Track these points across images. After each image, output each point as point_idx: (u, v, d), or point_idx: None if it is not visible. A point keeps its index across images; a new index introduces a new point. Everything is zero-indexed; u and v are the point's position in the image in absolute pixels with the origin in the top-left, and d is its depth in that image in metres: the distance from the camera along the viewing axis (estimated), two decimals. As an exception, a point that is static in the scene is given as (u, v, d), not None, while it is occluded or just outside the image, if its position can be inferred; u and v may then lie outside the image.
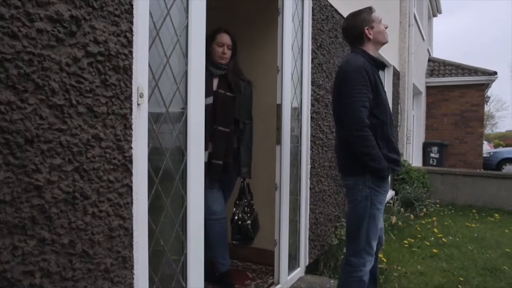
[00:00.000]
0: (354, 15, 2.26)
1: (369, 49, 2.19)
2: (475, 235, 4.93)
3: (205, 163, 2.08)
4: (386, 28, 2.22)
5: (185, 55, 1.73)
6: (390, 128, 2.12)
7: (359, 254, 2.10)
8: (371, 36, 2.18)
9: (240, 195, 2.64)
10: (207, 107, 2.14)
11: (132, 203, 1.39)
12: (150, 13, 1.51)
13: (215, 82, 2.48)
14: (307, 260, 3.01)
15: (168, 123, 1.67)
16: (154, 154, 1.59)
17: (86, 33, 1.22)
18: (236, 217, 2.53)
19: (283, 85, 2.59)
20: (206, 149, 2.26)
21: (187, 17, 1.73)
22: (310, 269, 3.07)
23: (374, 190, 2.08)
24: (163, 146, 1.63)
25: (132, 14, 1.38)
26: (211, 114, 2.38)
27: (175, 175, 1.70)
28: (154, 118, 1.59)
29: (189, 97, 1.74)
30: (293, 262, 2.86)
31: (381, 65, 2.20)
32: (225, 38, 2.49)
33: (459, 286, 3.22)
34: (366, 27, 2.18)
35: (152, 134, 1.57)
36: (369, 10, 2.23)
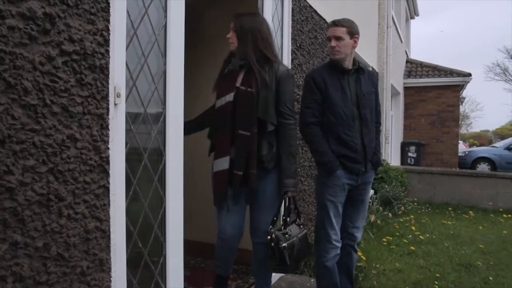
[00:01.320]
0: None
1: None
2: (451, 232, 5.06)
3: (226, 171, 2.00)
4: (329, 44, 2.36)
5: (164, 55, 1.72)
6: (344, 126, 2.29)
7: (319, 241, 2.38)
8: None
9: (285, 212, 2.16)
10: (227, 105, 2.02)
11: (109, 204, 1.37)
12: (128, 12, 1.49)
13: (240, 77, 2.07)
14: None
15: (146, 123, 1.65)
16: (132, 154, 1.57)
17: (60, 31, 1.19)
18: (269, 237, 2.03)
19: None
20: (227, 153, 2.02)
21: (165, 16, 1.71)
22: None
23: (323, 183, 2.34)
24: (141, 147, 1.61)
25: (109, 12, 1.36)
26: (233, 115, 2.03)
27: (153, 176, 1.68)
28: (132, 118, 1.57)
29: (168, 97, 1.73)
30: (273, 262, 2.87)
31: (341, 68, 2.35)
32: (231, 24, 2.14)
33: (436, 282, 3.30)
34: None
35: (130, 135, 1.55)
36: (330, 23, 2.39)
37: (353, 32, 2.31)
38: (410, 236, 4.76)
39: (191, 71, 2.48)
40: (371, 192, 6.51)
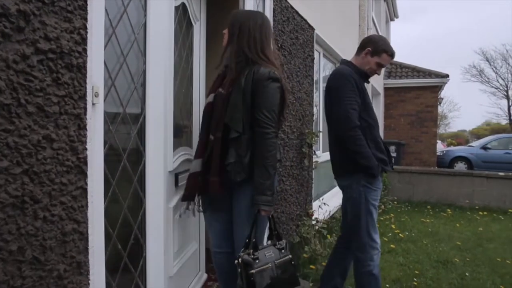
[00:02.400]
0: (382, 39, 2.56)
1: (358, 63, 2.48)
2: (430, 230, 5.17)
3: (197, 174, 1.88)
4: (378, 68, 2.48)
5: (143, 54, 1.70)
6: (377, 131, 2.35)
7: (363, 249, 2.32)
8: (366, 58, 2.45)
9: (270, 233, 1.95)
10: (207, 106, 1.93)
11: (87, 206, 1.35)
12: (106, 10, 1.47)
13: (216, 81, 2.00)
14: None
15: (125, 123, 1.63)
16: (111, 155, 1.54)
17: (35, 29, 1.16)
18: (236, 261, 1.76)
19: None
20: (201, 156, 1.90)
21: (145, 15, 1.69)
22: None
23: (367, 187, 2.30)
24: (120, 147, 1.59)
25: (86, 10, 1.33)
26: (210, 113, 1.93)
27: (133, 177, 1.66)
28: (110, 118, 1.54)
29: (148, 97, 1.71)
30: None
31: (366, 76, 2.46)
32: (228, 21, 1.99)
33: (415, 279, 3.36)
34: (370, 49, 2.45)
35: (108, 135, 1.52)
36: (388, 50, 2.47)
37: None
38: (390, 234, 4.83)
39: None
40: None
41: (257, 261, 1.73)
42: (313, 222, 3.71)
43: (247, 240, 1.79)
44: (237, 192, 1.89)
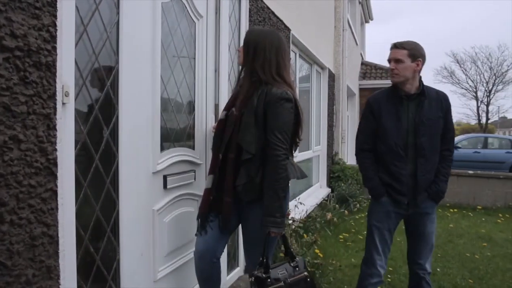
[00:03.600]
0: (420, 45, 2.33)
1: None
2: (403, 227, 5.28)
3: (209, 190, 1.93)
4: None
5: (116, 53, 1.67)
6: (394, 157, 2.23)
7: (366, 262, 2.41)
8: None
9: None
10: (219, 122, 1.97)
11: (57, 208, 1.31)
12: (77, 7, 1.44)
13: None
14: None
15: (97, 123, 1.59)
16: (82, 156, 1.51)
17: (1, 25, 1.12)
18: (250, 280, 1.81)
19: (220, 85, 2.59)
20: (212, 172, 1.94)
21: (117, 13, 1.66)
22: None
23: (371, 207, 2.41)
24: (92, 148, 1.56)
25: (56, 7, 1.30)
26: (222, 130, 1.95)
27: (105, 178, 1.63)
28: (82, 118, 1.51)
29: (121, 96, 1.68)
30: (232, 262, 2.87)
31: (400, 96, 2.26)
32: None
33: (389, 275, 3.44)
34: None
35: (80, 135, 1.49)
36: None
37: (415, 55, 2.20)
38: (365, 232, 4.91)
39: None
40: (328, 190, 6.68)
41: (268, 280, 1.76)
42: (290, 222, 3.73)
43: (261, 259, 1.81)
44: (247, 211, 1.92)
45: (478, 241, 4.77)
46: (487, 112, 35.60)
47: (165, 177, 2.02)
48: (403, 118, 2.22)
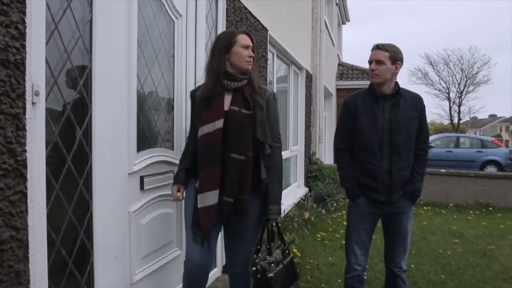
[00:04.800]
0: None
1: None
2: (379, 225, 5.38)
3: (214, 206, 1.84)
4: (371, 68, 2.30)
5: (89, 51, 1.63)
6: (369, 154, 2.26)
7: (346, 258, 2.44)
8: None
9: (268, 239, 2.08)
10: (216, 132, 1.85)
11: (26, 211, 1.27)
12: (47, 4, 1.40)
13: (227, 99, 1.92)
14: (224, 259, 3.02)
15: (70, 123, 1.55)
16: (54, 157, 1.47)
17: (-34, 22, 1.08)
18: (254, 268, 1.94)
19: (197, 85, 2.57)
20: (217, 187, 1.84)
21: (90, 11, 1.62)
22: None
23: (348, 207, 2.44)
24: (64, 149, 1.52)
25: (25, 3, 1.26)
26: (222, 138, 1.88)
27: (78, 180, 1.59)
28: (53, 118, 1.47)
29: (95, 96, 1.64)
30: (210, 263, 2.85)
31: (377, 96, 2.30)
32: (248, 40, 1.98)
33: (365, 273, 3.48)
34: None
35: (51, 136, 1.45)
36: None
37: (396, 58, 2.24)
38: (342, 231, 4.98)
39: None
40: (306, 189, 6.73)
41: (272, 265, 1.96)
42: (268, 221, 3.74)
43: (258, 247, 2.04)
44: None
45: (450, 237, 4.91)
46: (459, 113, 36.77)
47: (142, 178, 1.99)
48: (379, 117, 2.26)
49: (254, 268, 1.89)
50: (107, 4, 1.70)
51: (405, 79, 41.07)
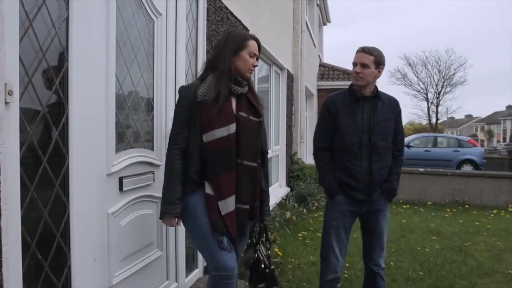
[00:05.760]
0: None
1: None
2: (359, 224, 5.46)
3: (234, 212, 1.84)
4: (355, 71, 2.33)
5: (66, 50, 1.59)
6: (350, 154, 2.30)
7: (323, 259, 2.46)
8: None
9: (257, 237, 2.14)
10: (230, 136, 1.81)
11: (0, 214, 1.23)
12: (21, 1, 1.36)
13: (233, 103, 1.88)
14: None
15: (45, 123, 1.51)
16: (29, 158, 1.43)
17: None
18: (262, 265, 2.05)
19: (177, 85, 2.55)
20: (233, 192, 1.83)
21: (67, 9, 1.59)
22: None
23: (327, 206, 2.46)
24: (39, 149, 1.48)
25: (-3, 0, 1.22)
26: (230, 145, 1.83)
27: (55, 181, 1.55)
28: (28, 118, 1.43)
29: (71, 95, 1.61)
30: (190, 264, 2.84)
31: (357, 98, 2.35)
32: (257, 48, 1.95)
33: (346, 271, 3.54)
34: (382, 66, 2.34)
35: (25, 136, 1.41)
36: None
37: (379, 62, 2.30)
38: (323, 230, 5.04)
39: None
40: (288, 189, 6.76)
41: (270, 258, 2.14)
42: (250, 221, 3.74)
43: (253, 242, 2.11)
44: None
45: (428, 235, 5.02)
46: (436, 113, 37.62)
47: (120, 179, 1.96)
48: (358, 118, 2.32)
49: (262, 266, 2.06)
50: (84, 2, 1.67)
51: (385, 80, 41.82)
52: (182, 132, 1.85)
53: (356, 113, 2.32)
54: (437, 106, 37.25)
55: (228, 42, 1.88)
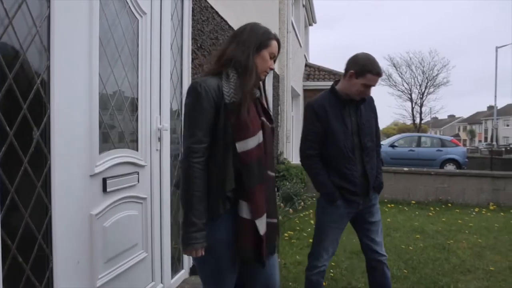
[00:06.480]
0: (366, 58, 2.30)
1: (342, 86, 2.35)
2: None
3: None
4: (366, 89, 2.30)
5: (47, 49, 1.56)
6: (345, 159, 2.29)
7: (311, 256, 2.44)
8: (351, 80, 2.28)
9: None
10: (260, 146, 1.57)
11: (-22, 216, 1.20)
12: (0, -1, 1.33)
13: (253, 108, 1.62)
14: (191, 261, 2.99)
15: (26, 123, 1.48)
16: (9, 159, 1.40)
17: None
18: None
19: (161, 85, 2.53)
20: (265, 209, 1.58)
21: (48, 7, 1.56)
22: (195, 270, 3.06)
23: (324, 208, 2.39)
24: (20, 150, 1.45)
25: (-25, -3, 1.19)
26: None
27: (36, 182, 1.52)
28: (8, 119, 1.40)
29: (53, 95, 1.58)
30: (176, 265, 2.82)
31: (349, 101, 2.33)
32: (277, 50, 1.71)
33: (331, 270, 3.56)
34: (353, 71, 2.26)
35: (4, 137, 1.38)
36: (373, 69, 2.25)
37: None
38: (309, 229, 5.05)
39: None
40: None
41: None
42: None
43: None
44: None
45: (412, 233, 5.09)
46: (420, 113, 38.23)
47: (104, 180, 1.94)
48: (347, 121, 2.32)
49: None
50: (66, 1, 1.64)
51: (370, 80, 42.12)
52: (203, 141, 1.50)
53: (344, 117, 2.31)
54: (421, 107, 37.87)
55: (252, 37, 1.63)
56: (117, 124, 2.13)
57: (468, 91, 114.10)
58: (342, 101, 2.33)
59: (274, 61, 1.72)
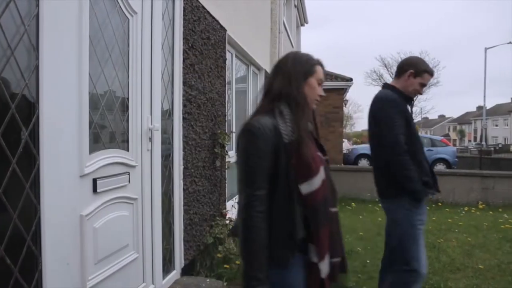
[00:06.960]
0: (420, 59, 2.53)
1: (400, 86, 2.45)
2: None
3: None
4: (421, 88, 2.48)
5: (36, 48, 1.55)
6: (421, 153, 2.37)
7: (413, 270, 2.35)
8: (409, 80, 2.42)
9: None
10: (325, 183, 1.46)
11: (-35, 218, 1.19)
12: (-12, -3, 1.31)
13: (311, 144, 1.50)
14: (183, 261, 2.98)
15: (14, 124, 1.46)
16: (-4, 159, 1.38)
17: None
18: None
19: (152, 84, 2.52)
20: (328, 250, 1.44)
21: (37, 5, 1.54)
22: (187, 270, 3.05)
23: (411, 212, 2.31)
24: (7, 150, 1.43)
25: (-39, -5, 1.17)
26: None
27: (24, 183, 1.50)
28: (-5, 118, 1.38)
29: (42, 95, 1.56)
30: (167, 266, 2.81)
31: (409, 99, 2.49)
32: (323, 74, 1.58)
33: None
34: (412, 71, 2.41)
35: (-7, 137, 1.36)
36: (429, 69, 2.46)
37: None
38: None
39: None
40: None
41: None
42: (227, 222, 3.74)
43: None
44: None
45: (403, 232, 5.13)
46: (411, 113, 38.49)
47: (94, 180, 1.92)
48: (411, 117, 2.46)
49: None
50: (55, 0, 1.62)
51: (361, 80, 42.51)
52: (263, 187, 1.37)
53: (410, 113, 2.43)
54: (411, 107, 38.14)
55: (296, 66, 1.52)
56: (107, 124, 2.11)
57: (458, 92, 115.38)
58: (405, 99, 2.43)
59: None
